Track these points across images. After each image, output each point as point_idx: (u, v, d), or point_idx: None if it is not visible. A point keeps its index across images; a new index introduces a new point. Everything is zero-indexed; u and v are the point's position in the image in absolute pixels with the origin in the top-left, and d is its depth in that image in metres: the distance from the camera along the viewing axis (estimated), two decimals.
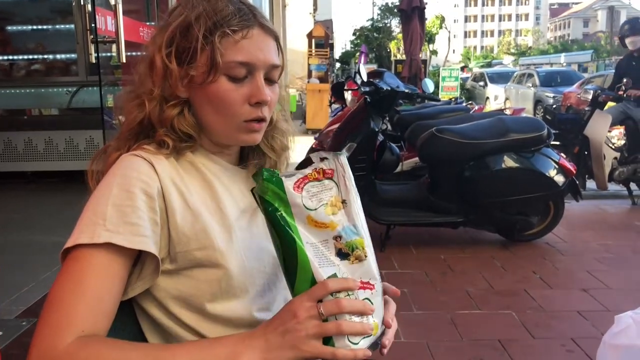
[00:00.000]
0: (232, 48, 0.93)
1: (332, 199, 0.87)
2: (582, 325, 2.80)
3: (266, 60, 0.96)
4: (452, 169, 3.95)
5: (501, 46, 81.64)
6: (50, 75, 5.64)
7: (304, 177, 0.87)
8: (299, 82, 16.89)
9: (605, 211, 5.32)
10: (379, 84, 4.10)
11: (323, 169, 0.88)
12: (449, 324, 2.80)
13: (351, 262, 0.86)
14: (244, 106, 0.96)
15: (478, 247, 4.14)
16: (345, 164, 0.90)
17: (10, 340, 2.22)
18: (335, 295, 0.82)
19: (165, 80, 0.96)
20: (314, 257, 0.84)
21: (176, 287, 0.94)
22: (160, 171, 0.93)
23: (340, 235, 0.86)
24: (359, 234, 0.87)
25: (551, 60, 36.44)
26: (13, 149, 5.32)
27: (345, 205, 0.88)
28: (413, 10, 9.77)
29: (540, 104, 15.62)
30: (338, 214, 0.87)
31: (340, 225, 0.86)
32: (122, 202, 0.87)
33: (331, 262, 0.84)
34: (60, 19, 5.65)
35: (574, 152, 5.47)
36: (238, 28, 0.94)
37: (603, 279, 3.42)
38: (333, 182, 0.88)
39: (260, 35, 0.96)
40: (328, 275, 0.84)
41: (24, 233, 3.80)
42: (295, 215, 0.85)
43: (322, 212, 0.86)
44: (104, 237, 0.83)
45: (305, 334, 0.79)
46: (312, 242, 0.85)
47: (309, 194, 0.86)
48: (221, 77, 0.94)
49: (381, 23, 38.71)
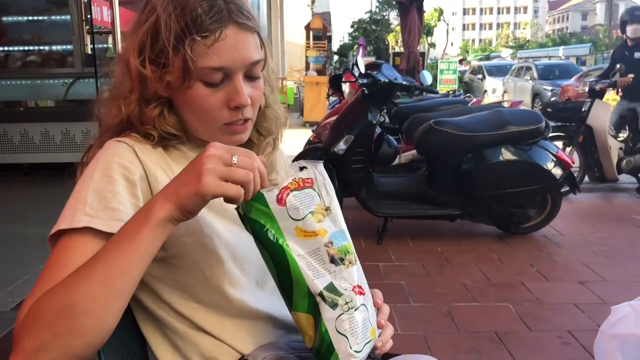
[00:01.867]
0: (205, 53, 0.88)
1: (316, 206, 0.86)
2: (579, 317, 2.80)
3: (243, 60, 0.91)
4: (450, 161, 3.95)
5: (499, 39, 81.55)
6: (46, 66, 5.61)
7: (285, 188, 0.84)
8: (296, 74, 16.85)
9: (602, 204, 5.33)
10: (377, 76, 4.08)
11: (302, 179, 0.87)
12: (445, 316, 2.80)
13: (346, 266, 0.85)
14: (222, 110, 0.93)
15: (475, 239, 4.14)
16: (324, 173, 0.89)
17: (5, 332, 2.21)
18: (343, 312, 0.82)
19: (142, 82, 0.93)
20: (307, 269, 0.83)
21: (169, 276, 0.94)
22: (143, 157, 0.92)
23: (332, 241, 0.85)
24: (347, 238, 0.87)
25: (549, 54, 36.40)
26: (9, 140, 5.30)
27: (330, 213, 0.87)
28: (411, 2, 9.74)
29: (538, 97, 15.63)
30: (324, 221, 0.86)
31: (330, 231, 0.85)
32: (103, 187, 0.86)
33: (326, 270, 0.83)
34: (56, 9, 5.60)
35: (578, 142, 5.49)
36: (209, 32, 0.88)
37: (600, 272, 3.42)
38: (314, 191, 0.87)
39: (236, 34, 0.90)
40: (324, 285, 0.82)
41: (20, 225, 3.79)
42: (283, 230, 0.83)
43: (310, 221, 0.84)
44: (83, 222, 0.82)
45: (209, 169, 0.76)
46: (303, 255, 0.83)
47: (293, 205, 0.84)
48: (196, 83, 0.91)
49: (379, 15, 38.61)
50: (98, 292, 0.74)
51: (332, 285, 0.83)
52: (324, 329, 0.82)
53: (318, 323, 0.83)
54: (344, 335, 0.82)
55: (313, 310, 0.83)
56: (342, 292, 0.83)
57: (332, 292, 0.83)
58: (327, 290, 0.82)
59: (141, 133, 0.95)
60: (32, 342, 0.73)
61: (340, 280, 0.83)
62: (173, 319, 0.95)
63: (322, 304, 0.82)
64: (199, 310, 0.95)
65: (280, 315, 0.99)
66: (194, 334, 0.95)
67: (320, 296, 0.82)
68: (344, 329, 0.82)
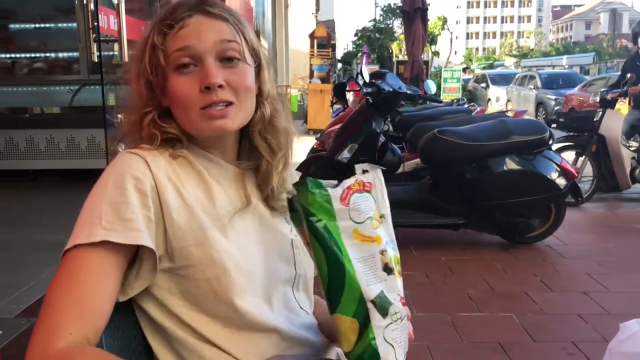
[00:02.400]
0: (171, 41, 0.94)
1: (374, 212, 0.86)
2: (583, 328, 2.79)
3: (208, 39, 0.94)
4: (454, 170, 3.95)
5: (503, 48, 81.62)
6: (53, 73, 5.63)
7: (348, 188, 0.84)
8: (300, 82, 16.89)
9: (606, 214, 5.32)
10: (381, 85, 4.09)
11: (364, 182, 0.87)
12: (449, 326, 2.80)
13: (396, 276, 0.85)
14: (195, 94, 0.94)
15: (479, 249, 4.13)
16: (382, 179, 0.89)
17: (10, 339, 2.21)
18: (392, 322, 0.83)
19: (142, 101, 0.99)
20: (363, 274, 0.82)
21: (177, 286, 0.94)
22: (154, 167, 0.93)
23: (386, 249, 0.85)
24: (396, 249, 0.87)
25: (553, 63, 36.45)
26: (15, 147, 5.32)
27: (384, 220, 0.87)
28: (415, 11, 9.77)
29: (542, 106, 15.64)
30: (380, 228, 0.86)
31: (384, 240, 0.85)
32: (117, 200, 0.87)
33: (378, 278, 0.83)
34: (62, 17, 5.64)
35: (592, 152, 5.50)
36: (174, 22, 0.94)
37: (604, 282, 3.41)
38: (372, 196, 0.87)
39: (201, 20, 0.95)
40: (376, 293, 0.82)
41: (25, 231, 3.80)
42: (342, 230, 0.82)
43: (369, 226, 0.84)
44: (100, 236, 0.84)
45: None
46: (358, 258, 0.82)
47: (355, 207, 0.84)
48: (171, 74, 0.94)
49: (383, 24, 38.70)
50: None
51: (383, 293, 0.83)
52: (372, 337, 0.81)
53: (365, 329, 0.82)
54: (391, 345, 0.82)
55: (361, 315, 0.82)
56: (392, 302, 0.83)
57: (383, 300, 0.82)
58: (380, 298, 0.82)
59: (146, 139, 0.97)
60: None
61: (389, 290, 0.83)
62: (180, 330, 0.95)
63: (374, 311, 0.82)
64: (206, 322, 0.95)
65: (286, 328, 0.99)
66: (201, 346, 0.95)
67: (373, 303, 0.81)
68: (391, 338, 0.82)
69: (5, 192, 5.09)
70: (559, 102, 14.79)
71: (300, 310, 1.04)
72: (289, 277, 1.03)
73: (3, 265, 2.89)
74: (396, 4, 34.51)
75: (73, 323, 0.80)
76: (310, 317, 1.07)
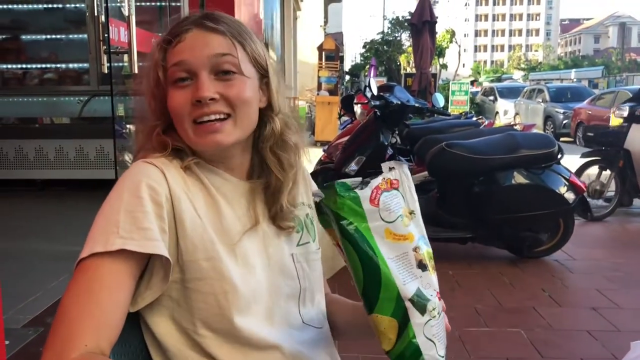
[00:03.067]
0: (170, 56, 0.96)
1: (403, 209, 0.86)
2: (592, 345, 2.76)
3: (202, 54, 0.94)
4: (462, 184, 3.94)
5: (511, 61, 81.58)
6: (63, 84, 5.68)
7: (376, 188, 0.84)
8: (308, 94, 16.93)
9: (615, 228, 5.28)
10: (389, 98, 4.10)
11: (391, 179, 0.87)
12: (456, 341, 2.77)
13: (431, 272, 0.85)
14: (187, 106, 0.94)
15: (486, 263, 4.11)
16: (409, 175, 0.89)
17: (17, 349, 2.21)
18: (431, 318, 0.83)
19: (151, 108, 1.00)
20: (398, 273, 0.82)
21: (184, 300, 0.94)
22: (170, 178, 0.93)
23: (418, 246, 0.85)
24: (428, 244, 0.88)
25: (561, 76, 36.38)
26: (24, 156, 5.35)
27: (414, 216, 0.88)
28: (424, 24, 9.81)
29: (550, 119, 15.59)
30: (410, 225, 0.86)
31: (416, 236, 0.86)
32: (134, 208, 0.87)
33: (413, 275, 0.83)
34: (73, 29, 5.69)
35: (619, 167, 5.50)
36: (173, 37, 0.96)
37: (613, 298, 3.38)
38: (399, 193, 0.87)
39: (198, 35, 0.95)
40: (413, 292, 0.82)
41: (32, 241, 3.81)
42: (374, 230, 0.83)
43: (400, 224, 0.85)
44: (117, 244, 0.84)
45: None
46: (392, 258, 0.83)
47: (385, 206, 0.84)
48: (170, 89, 0.96)
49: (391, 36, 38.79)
50: None
51: (420, 290, 0.83)
52: (412, 334, 0.82)
53: (404, 328, 0.83)
54: (431, 341, 0.83)
55: (399, 314, 0.83)
56: (429, 298, 0.84)
57: (420, 297, 0.83)
58: (417, 295, 0.83)
59: (158, 147, 0.98)
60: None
61: (425, 286, 0.84)
62: (184, 346, 0.95)
63: (412, 309, 0.82)
64: (209, 337, 0.94)
65: (288, 345, 0.98)
66: None
67: (411, 301, 0.82)
68: (432, 334, 0.83)
69: (14, 201, 5.11)
70: (567, 115, 14.74)
71: (304, 325, 1.03)
72: (293, 292, 1.03)
73: (10, 275, 2.89)
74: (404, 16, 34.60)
75: (88, 334, 0.80)
76: (318, 332, 1.06)
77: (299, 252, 1.05)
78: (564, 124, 14.83)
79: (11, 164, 5.36)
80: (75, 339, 0.80)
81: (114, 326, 0.84)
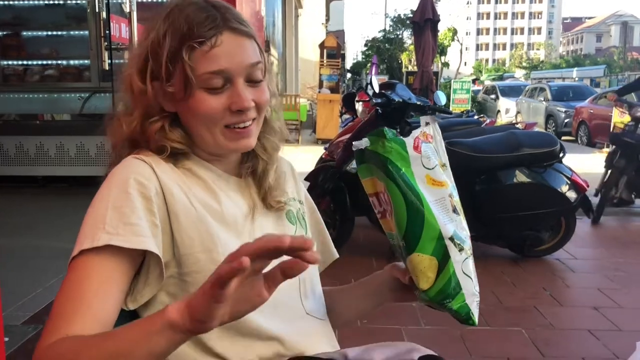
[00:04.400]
0: (203, 60, 0.91)
1: (438, 160, 0.93)
2: (594, 344, 2.75)
3: (242, 63, 0.93)
4: (463, 182, 3.87)
5: (513, 59, 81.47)
6: (63, 81, 5.68)
7: (417, 139, 0.91)
8: (309, 91, 16.94)
9: (617, 228, 5.26)
10: (391, 96, 4.08)
11: (427, 133, 0.93)
12: (457, 340, 2.76)
13: (462, 216, 0.92)
14: (225, 114, 0.94)
15: (488, 262, 4.10)
16: (439, 131, 0.96)
17: (16, 346, 2.20)
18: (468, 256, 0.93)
19: (145, 100, 0.95)
20: (438, 214, 0.89)
21: (182, 294, 0.92)
22: (160, 172, 0.93)
23: (452, 194, 0.92)
24: (457, 195, 0.94)
25: (563, 75, 36.29)
26: (24, 153, 5.35)
27: (446, 169, 0.94)
28: (426, 22, 9.78)
29: (552, 118, 15.56)
30: (445, 174, 0.93)
31: (450, 184, 0.93)
32: (121, 204, 0.87)
33: (450, 218, 0.90)
34: (74, 25, 5.68)
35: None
36: (205, 39, 0.91)
37: (614, 297, 3.37)
38: (433, 146, 0.94)
39: (232, 39, 0.93)
40: (451, 232, 0.89)
41: (32, 238, 3.81)
42: (416, 175, 0.89)
43: (439, 171, 0.91)
44: (103, 240, 0.83)
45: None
46: (433, 201, 0.89)
47: (426, 154, 0.91)
48: (198, 91, 0.92)
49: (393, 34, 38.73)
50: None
51: (456, 232, 0.90)
52: (452, 271, 0.89)
53: (444, 265, 0.89)
54: (469, 277, 0.90)
55: (439, 253, 0.89)
56: (464, 239, 0.91)
57: (458, 237, 0.90)
58: (455, 235, 0.90)
59: (152, 148, 0.96)
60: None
61: (460, 229, 0.91)
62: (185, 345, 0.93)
63: (452, 247, 0.89)
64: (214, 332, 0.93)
65: (290, 338, 0.98)
66: (203, 357, 0.94)
67: (451, 240, 0.89)
68: (469, 270, 0.90)
69: (15, 197, 5.11)
70: (569, 114, 14.71)
71: (306, 316, 1.03)
72: (293, 282, 1.02)
73: (10, 272, 2.89)
74: (406, 15, 34.56)
75: (72, 327, 0.80)
76: (320, 323, 1.06)
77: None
78: (566, 123, 14.79)
79: (12, 160, 5.36)
80: (59, 333, 0.79)
81: (105, 322, 0.83)
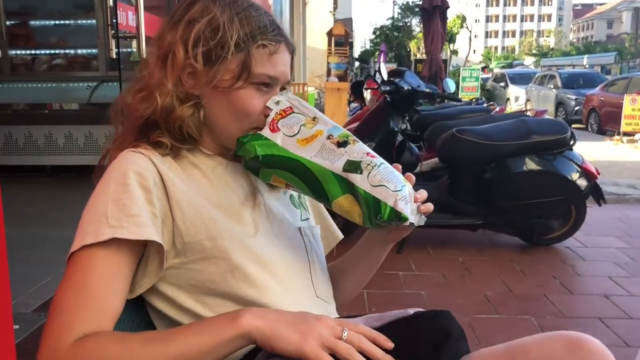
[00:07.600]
0: (265, 61, 0.96)
1: (305, 120, 0.98)
2: (604, 332, 2.73)
3: (286, 76, 1.01)
4: (472, 170, 3.90)
5: (523, 47, 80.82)
6: (71, 70, 5.70)
7: (272, 121, 0.97)
8: (317, 80, 16.89)
9: (627, 216, 5.22)
10: (400, 83, 4.05)
11: (282, 110, 0.98)
12: (466, 328, 2.74)
13: (352, 144, 0.94)
14: (260, 115, 0.98)
15: (497, 250, 4.08)
16: (294, 96, 1.00)
17: (27, 334, 2.22)
18: (370, 171, 0.92)
19: (180, 76, 0.95)
20: (324, 161, 0.93)
21: (187, 282, 0.93)
22: (158, 163, 0.93)
23: (331, 134, 0.95)
24: (341, 129, 0.98)
25: (573, 62, 36.00)
26: (33, 142, 5.37)
27: (317, 120, 0.98)
28: (434, 9, 9.70)
29: (562, 105, 15.44)
30: (317, 126, 0.97)
31: (325, 129, 0.96)
32: (121, 196, 0.87)
33: (338, 155, 0.93)
34: (82, 14, 5.69)
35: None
36: (273, 42, 0.97)
37: (625, 286, 3.35)
38: (297, 113, 0.98)
39: (285, 51, 1.00)
40: (342, 164, 0.92)
41: (42, 226, 3.83)
42: (287, 147, 0.95)
43: (304, 130, 0.96)
44: (108, 234, 0.83)
45: (318, 334, 0.80)
46: (314, 155, 0.94)
47: (285, 126, 0.96)
48: (249, 86, 0.96)
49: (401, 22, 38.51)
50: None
51: (349, 160, 0.92)
52: (363, 191, 0.90)
53: (356, 193, 0.91)
54: (380, 185, 0.90)
55: (346, 188, 0.92)
56: (360, 160, 0.92)
57: (352, 164, 0.92)
58: (347, 164, 0.92)
59: (151, 143, 0.96)
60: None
61: (353, 155, 0.93)
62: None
63: (350, 174, 0.91)
64: (221, 305, 0.93)
65: None
66: None
67: (345, 170, 0.92)
68: (377, 181, 0.90)
69: (24, 187, 5.13)
70: (579, 102, 14.59)
71: (317, 300, 1.03)
72: (303, 264, 1.04)
73: (20, 260, 2.91)
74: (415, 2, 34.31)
75: (87, 323, 0.80)
76: (328, 307, 1.06)
77: (305, 226, 1.09)
78: (576, 111, 14.67)
79: (21, 150, 5.38)
80: (73, 329, 0.79)
81: (111, 314, 0.84)
